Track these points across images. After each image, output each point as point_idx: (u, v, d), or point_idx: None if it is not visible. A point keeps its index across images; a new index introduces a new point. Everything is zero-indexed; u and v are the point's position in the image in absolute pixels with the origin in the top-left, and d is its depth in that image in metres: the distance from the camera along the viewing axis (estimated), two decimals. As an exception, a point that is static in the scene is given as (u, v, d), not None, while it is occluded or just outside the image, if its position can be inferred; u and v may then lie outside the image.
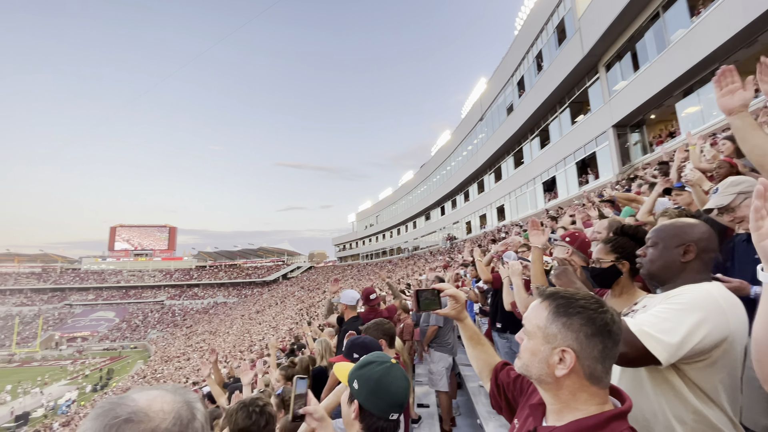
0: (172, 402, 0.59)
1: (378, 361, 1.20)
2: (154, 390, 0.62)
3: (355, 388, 1.17)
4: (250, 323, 37.09)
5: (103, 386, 29.64)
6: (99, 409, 0.57)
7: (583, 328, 0.82)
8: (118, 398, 0.59)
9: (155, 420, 0.56)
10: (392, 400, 1.14)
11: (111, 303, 60.45)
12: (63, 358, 42.73)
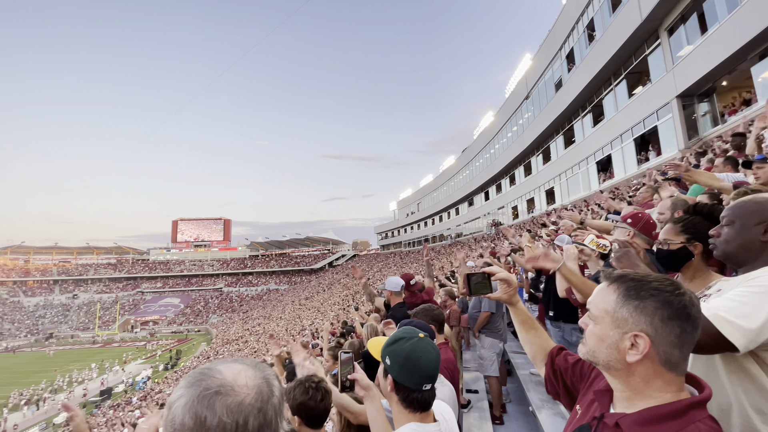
0: (253, 377, 0.63)
1: (406, 337, 1.24)
2: (237, 363, 0.66)
3: (387, 364, 1.23)
4: (301, 309, 38.85)
5: (173, 365, 32.69)
6: (191, 378, 0.63)
7: (658, 312, 0.78)
8: (207, 369, 0.64)
9: (240, 394, 0.60)
10: (423, 373, 1.18)
11: (176, 290, 66.12)
12: (138, 339, 47.63)
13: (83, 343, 46.56)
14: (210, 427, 0.57)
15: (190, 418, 0.58)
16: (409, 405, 1.19)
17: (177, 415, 0.59)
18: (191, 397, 0.59)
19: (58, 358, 38.40)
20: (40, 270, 69.00)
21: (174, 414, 0.59)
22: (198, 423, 0.57)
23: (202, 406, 0.58)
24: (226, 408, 0.58)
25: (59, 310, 58.40)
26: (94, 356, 37.54)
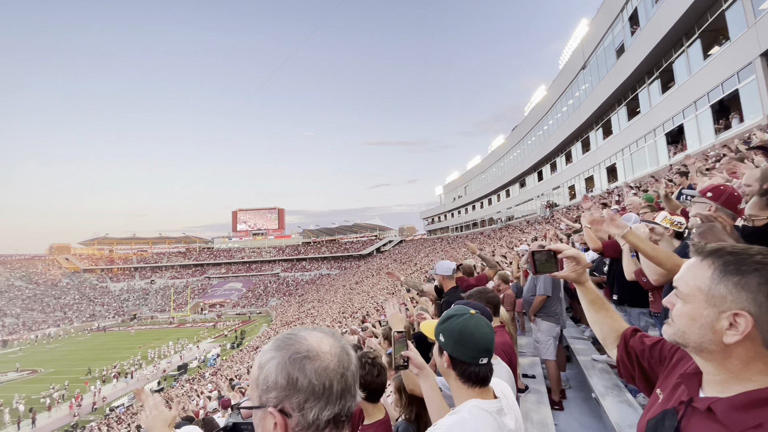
0: (334, 345, 0.69)
1: (458, 314, 1.25)
2: (317, 331, 0.71)
3: (441, 341, 1.25)
4: (351, 293, 40.09)
5: (238, 344, 35.48)
6: (279, 342, 0.69)
7: (762, 288, 0.69)
8: (292, 335, 0.70)
9: (325, 360, 0.66)
10: (478, 346, 1.19)
11: (239, 275, 71.17)
12: (207, 320, 52.18)
13: (161, 323, 52.03)
14: (301, 387, 0.63)
15: (282, 378, 0.64)
16: (467, 379, 1.20)
17: (270, 374, 0.65)
18: (282, 359, 0.66)
19: (141, 336, 43.35)
20: (122, 258, 77.76)
21: (267, 373, 0.66)
22: (290, 383, 0.64)
23: (293, 367, 0.64)
24: (315, 371, 0.64)
25: (140, 294, 65.60)
26: (171, 335, 41.82)
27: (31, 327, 48.01)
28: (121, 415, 18.87)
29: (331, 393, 0.65)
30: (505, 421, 1.16)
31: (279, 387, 0.64)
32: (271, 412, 0.64)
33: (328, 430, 0.65)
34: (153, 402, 1.29)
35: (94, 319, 54.34)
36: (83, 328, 50.86)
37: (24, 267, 65.30)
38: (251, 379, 0.71)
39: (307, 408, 0.64)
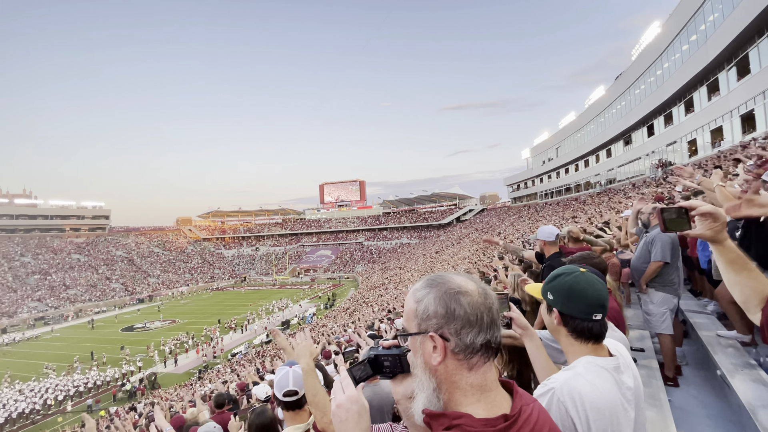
0: (477, 286, 0.77)
1: (567, 272, 1.21)
2: (460, 275, 0.79)
3: (550, 299, 1.22)
4: (432, 262, 40.51)
5: (330, 305, 38.85)
6: (431, 281, 0.79)
7: None
8: (439, 276, 0.79)
9: (474, 296, 0.75)
10: (591, 301, 1.15)
11: (328, 244, 76.78)
12: (303, 283, 57.85)
13: (266, 285, 59.22)
14: (458, 316, 0.73)
15: (441, 308, 0.74)
16: (579, 335, 1.17)
17: (430, 305, 0.75)
18: (439, 293, 0.75)
19: (250, 295, 50.04)
20: (232, 229, 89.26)
21: (426, 305, 0.76)
22: (448, 312, 0.73)
23: (450, 300, 0.74)
24: (468, 304, 0.73)
25: (248, 260, 75.14)
26: (274, 295, 47.46)
27: (168, 285, 58.66)
28: (241, 360, 22.33)
29: (482, 322, 0.73)
30: (623, 378, 1.12)
31: (438, 315, 0.74)
32: (432, 336, 0.73)
33: (480, 353, 0.74)
34: (304, 335, 1.54)
35: (214, 281, 64.12)
36: (206, 288, 60.51)
37: (159, 237, 79.11)
38: (408, 312, 0.80)
39: (463, 333, 0.72)
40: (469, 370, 0.74)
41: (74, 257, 59.55)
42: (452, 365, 0.74)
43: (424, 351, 0.76)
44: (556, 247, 3.17)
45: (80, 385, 21.39)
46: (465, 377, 0.74)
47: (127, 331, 34.56)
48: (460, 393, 0.74)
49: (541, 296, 1.29)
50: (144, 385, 21.29)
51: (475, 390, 0.74)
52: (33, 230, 62.93)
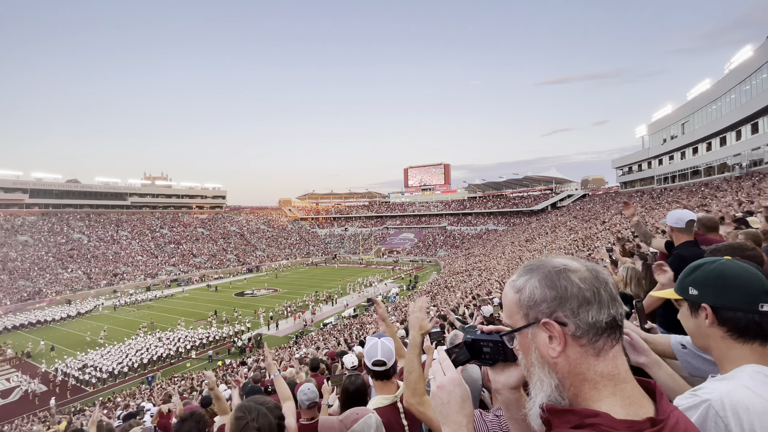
0: (582, 263, 0.69)
1: (708, 261, 0.98)
2: (560, 257, 0.71)
3: (695, 294, 0.98)
4: (521, 250, 38.21)
5: (413, 287, 39.53)
6: (527, 267, 0.71)
7: None
8: (537, 260, 0.71)
9: (584, 273, 0.66)
10: (754, 287, 0.90)
11: (411, 227, 77.73)
12: (387, 264, 59.78)
13: (353, 263, 62.70)
14: (571, 294, 0.63)
15: (550, 289, 0.65)
16: (743, 333, 0.93)
17: (535, 290, 0.67)
18: (542, 275, 0.67)
19: (341, 271, 53.53)
20: (325, 210, 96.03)
21: (530, 291, 0.67)
22: (560, 292, 0.64)
23: (558, 278, 0.65)
24: (580, 279, 0.64)
25: (338, 239, 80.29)
26: (361, 273, 50.02)
27: (272, 258, 65.88)
28: (331, 330, 24.21)
29: (601, 298, 0.63)
30: None
31: (548, 298, 0.65)
32: (546, 322, 0.64)
33: (606, 335, 0.63)
34: (419, 305, 1.50)
35: (309, 256, 70.08)
36: (302, 263, 66.51)
37: (265, 215, 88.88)
38: (509, 307, 0.71)
39: (582, 312, 0.63)
40: (596, 356, 0.63)
41: (199, 231, 70.39)
42: (575, 354, 0.63)
43: (539, 344, 0.66)
44: (689, 235, 2.66)
45: (203, 338, 25.54)
46: (592, 366, 0.63)
47: (239, 296, 39.99)
48: (590, 386, 0.63)
49: (678, 295, 1.04)
50: (251, 343, 24.52)
51: (607, 381, 0.63)
52: (168, 207, 75.78)
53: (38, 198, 57.88)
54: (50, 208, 58.90)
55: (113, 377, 20.48)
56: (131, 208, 68.80)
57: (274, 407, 1.38)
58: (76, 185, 63.74)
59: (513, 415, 0.83)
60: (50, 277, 43.31)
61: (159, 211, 72.72)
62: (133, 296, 40.73)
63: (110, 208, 66.02)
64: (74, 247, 51.73)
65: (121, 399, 15.96)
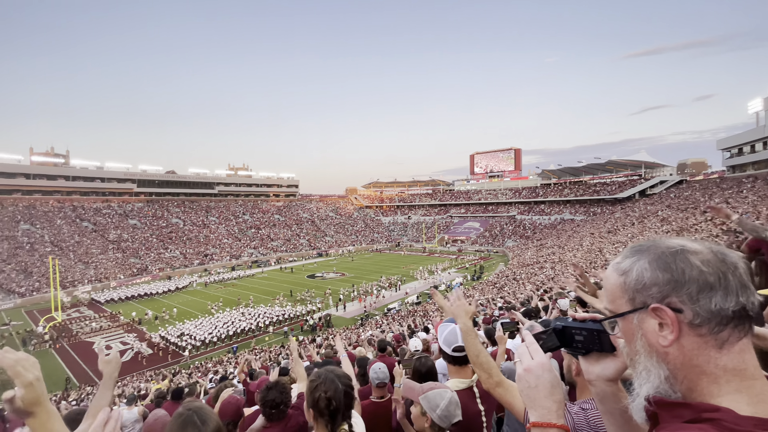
0: (704, 245, 0.60)
1: None
2: (675, 238, 0.63)
3: None
4: (602, 242, 35.00)
5: (477, 277, 38.52)
6: (635, 248, 0.64)
7: None
8: (644, 241, 0.64)
9: (706, 255, 0.57)
10: None
11: (476, 216, 75.46)
12: (451, 253, 58.92)
13: (416, 251, 62.89)
14: (690, 277, 0.56)
15: (663, 270, 0.58)
16: None
17: (644, 272, 0.59)
18: (654, 256, 0.59)
19: (403, 259, 54.12)
20: (389, 198, 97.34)
21: (638, 273, 0.60)
22: (675, 274, 0.57)
23: (673, 259, 0.57)
24: (702, 262, 0.56)
25: (401, 227, 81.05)
26: (424, 261, 50.03)
27: (339, 244, 68.81)
28: (394, 315, 24.72)
29: (728, 283, 0.55)
30: None
31: (661, 281, 0.58)
32: (656, 307, 0.58)
33: (732, 325, 0.55)
34: (457, 294, 1.55)
35: (373, 243, 71.88)
36: (367, 249, 68.46)
37: (333, 203, 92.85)
38: (612, 290, 0.65)
39: (703, 298, 0.55)
40: (718, 348, 0.55)
41: (275, 217, 75.91)
42: (692, 344, 0.56)
43: (646, 332, 0.60)
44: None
45: (280, 315, 27.72)
46: (713, 358, 0.55)
47: (310, 278, 42.58)
48: (709, 380, 0.56)
49: None
50: (322, 322, 26.05)
51: (731, 376, 0.55)
52: (249, 195, 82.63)
53: (144, 187, 66.96)
54: (153, 196, 67.82)
55: (205, 345, 23.24)
56: (218, 196, 76.44)
57: (343, 376, 1.45)
58: (174, 176, 72.45)
59: (608, 408, 0.77)
60: (154, 256, 50.17)
61: (241, 199, 79.69)
62: (221, 275, 45.62)
63: (201, 196, 74.06)
64: (173, 230, 59.16)
65: (211, 365, 18.08)
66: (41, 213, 51.65)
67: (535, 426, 0.71)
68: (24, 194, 53.49)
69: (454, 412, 1.37)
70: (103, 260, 45.48)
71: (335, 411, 1.36)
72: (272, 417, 2.05)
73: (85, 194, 59.90)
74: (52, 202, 54.93)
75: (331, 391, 1.36)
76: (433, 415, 1.36)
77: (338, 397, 1.36)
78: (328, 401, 1.35)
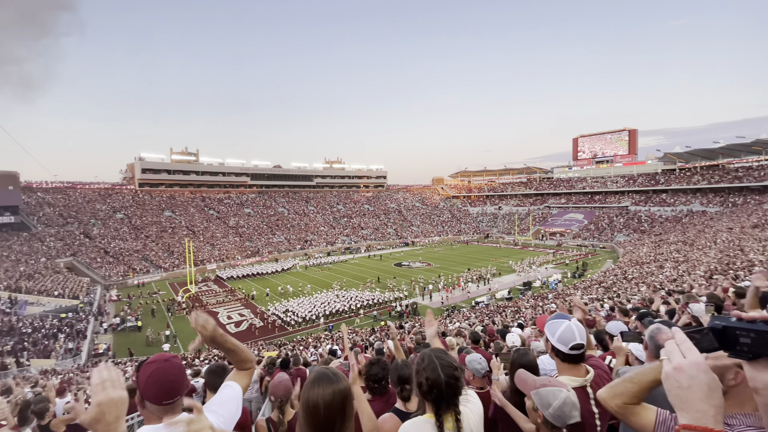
0: None
1: None
2: None
3: None
4: (744, 238, 28.74)
5: (580, 275, 35.03)
6: None
7: None
8: None
9: None
10: None
11: (579, 206, 68.29)
12: (548, 247, 54.55)
13: (507, 244, 59.70)
14: None
15: None
16: None
17: None
18: None
19: (493, 251, 51.90)
20: (477, 188, 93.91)
21: None
22: None
23: None
24: None
25: (490, 218, 77.64)
26: (516, 255, 47.33)
27: (425, 234, 69.01)
28: (483, 309, 23.99)
29: None
30: None
31: None
32: None
33: None
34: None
35: (460, 234, 70.36)
36: (454, 240, 67.34)
37: (419, 193, 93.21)
38: None
39: None
40: None
41: (365, 207, 79.34)
42: None
43: None
44: None
45: (370, 299, 29.12)
46: None
47: (397, 266, 43.71)
48: None
49: None
50: (408, 310, 26.61)
51: None
52: (342, 186, 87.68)
53: (256, 180, 75.73)
54: (263, 188, 76.38)
55: (306, 322, 25.66)
56: (316, 188, 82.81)
57: (447, 364, 1.43)
58: (279, 170, 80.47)
59: None
60: (264, 241, 56.73)
61: (335, 190, 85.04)
62: (318, 259, 49.68)
63: (301, 188, 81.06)
64: (279, 218, 66.05)
65: (311, 341, 19.92)
66: (179, 202, 62.29)
67: (688, 429, 0.67)
68: (166, 187, 64.99)
69: (569, 413, 1.30)
70: (224, 243, 53.07)
71: (438, 397, 1.38)
72: (375, 391, 2.21)
73: (210, 187, 70.28)
74: (186, 193, 65.78)
75: (433, 377, 1.38)
76: (545, 413, 1.31)
77: (439, 384, 1.37)
78: (429, 386, 1.38)
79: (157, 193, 62.54)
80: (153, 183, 63.72)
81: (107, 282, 37.12)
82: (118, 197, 58.10)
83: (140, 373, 1.24)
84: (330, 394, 1.19)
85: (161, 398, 1.23)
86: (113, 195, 58.37)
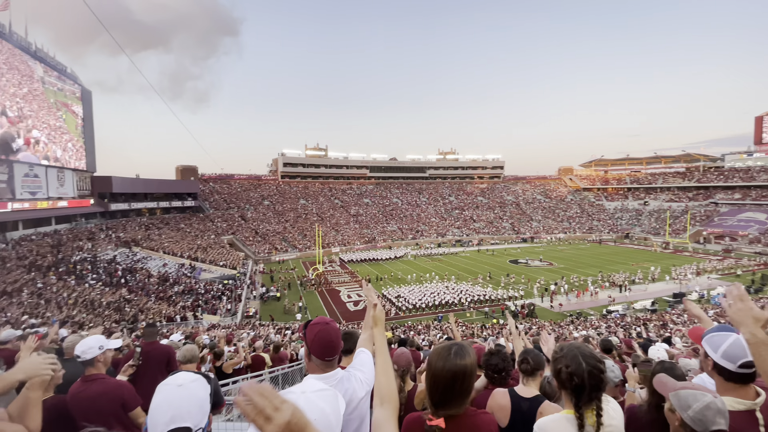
0: None
1: None
2: None
3: None
4: None
5: (757, 290, 27.53)
6: None
7: None
8: None
9: None
10: None
11: (761, 204, 53.26)
12: (710, 253, 44.10)
13: (654, 246, 50.25)
14: None
15: None
16: None
17: None
18: None
19: (633, 255, 44.45)
20: (616, 179, 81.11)
21: None
22: None
23: None
24: None
25: (633, 214, 66.32)
26: (665, 260, 39.59)
27: (547, 230, 63.08)
28: (617, 320, 20.89)
29: None
30: None
31: None
32: None
33: None
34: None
35: (592, 232, 62.13)
36: (583, 238, 59.88)
37: (542, 185, 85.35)
38: None
39: None
40: None
41: (479, 199, 76.70)
42: None
43: None
44: None
45: (481, 295, 28.28)
46: None
47: (512, 263, 41.24)
48: None
49: None
50: (525, 311, 24.97)
51: None
52: (455, 178, 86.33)
53: (374, 172, 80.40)
54: (380, 180, 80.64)
55: (415, 309, 26.45)
56: (428, 179, 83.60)
57: (590, 356, 1.36)
58: (395, 162, 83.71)
59: None
60: (380, 229, 60.10)
61: (448, 181, 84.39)
62: (429, 250, 50.37)
63: (415, 179, 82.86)
64: (393, 208, 69.01)
65: (421, 327, 20.49)
66: (311, 192, 70.51)
67: None
68: (302, 179, 74.26)
69: (712, 419, 1.12)
70: (346, 229, 58.11)
71: (579, 388, 1.33)
72: (494, 381, 2.22)
73: (336, 179, 77.56)
74: (317, 184, 74.03)
75: (573, 366, 1.34)
76: (684, 415, 1.16)
77: (581, 374, 1.32)
78: (569, 375, 1.34)
79: (294, 184, 72.10)
80: (291, 175, 73.61)
81: (256, 257, 44.57)
82: (265, 187, 69.07)
83: (308, 331, 1.53)
84: (469, 365, 1.29)
85: (325, 354, 1.50)
86: (261, 185, 69.63)
